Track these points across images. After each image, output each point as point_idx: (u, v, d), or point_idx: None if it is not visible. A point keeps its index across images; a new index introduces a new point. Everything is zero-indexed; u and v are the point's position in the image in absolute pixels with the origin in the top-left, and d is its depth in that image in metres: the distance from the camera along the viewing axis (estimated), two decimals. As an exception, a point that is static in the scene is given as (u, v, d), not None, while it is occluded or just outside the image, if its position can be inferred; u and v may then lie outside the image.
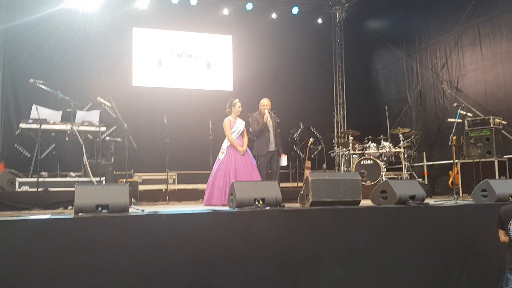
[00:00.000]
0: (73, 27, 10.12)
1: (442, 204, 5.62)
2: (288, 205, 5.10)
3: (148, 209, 4.98)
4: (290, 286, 4.42)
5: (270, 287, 4.35)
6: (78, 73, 10.14)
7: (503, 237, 3.94)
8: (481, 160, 8.27)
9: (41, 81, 7.10)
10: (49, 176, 7.24)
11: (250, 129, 7.74)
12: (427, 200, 5.45)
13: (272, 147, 7.54)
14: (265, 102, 7.55)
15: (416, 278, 4.88)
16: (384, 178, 8.80)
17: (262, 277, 4.33)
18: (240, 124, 7.19)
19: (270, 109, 7.55)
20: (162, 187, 9.01)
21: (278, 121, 7.85)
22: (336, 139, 11.13)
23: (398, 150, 9.32)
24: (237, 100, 7.23)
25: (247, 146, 7.20)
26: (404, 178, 9.23)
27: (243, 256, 4.28)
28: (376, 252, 4.77)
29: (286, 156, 7.70)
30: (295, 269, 4.46)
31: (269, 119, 7.42)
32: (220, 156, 7.00)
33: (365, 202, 5.29)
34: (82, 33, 10.20)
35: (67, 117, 7.67)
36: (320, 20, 12.83)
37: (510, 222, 3.85)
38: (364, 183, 8.42)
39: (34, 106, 7.32)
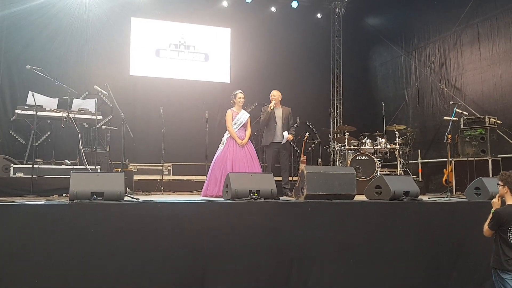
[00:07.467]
0: (72, 15, 10.05)
1: (435, 200, 5.67)
2: (283, 198, 5.12)
3: (142, 198, 4.98)
4: (282, 279, 4.45)
5: (262, 279, 4.37)
6: (75, 61, 10.06)
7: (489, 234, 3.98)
8: (475, 158, 8.30)
9: (38, 68, 7.06)
10: (44, 164, 7.21)
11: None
12: (420, 197, 5.48)
13: (277, 139, 7.60)
14: (273, 93, 7.71)
15: (408, 274, 4.92)
16: (378, 174, 8.83)
17: (254, 269, 4.35)
18: (243, 116, 7.14)
19: (278, 100, 7.65)
20: (157, 177, 9.01)
21: (290, 113, 7.82)
22: (332, 134, 11.14)
23: (393, 147, 9.35)
24: (239, 91, 7.24)
25: (249, 138, 7.13)
26: (398, 174, 9.26)
27: (236, 247, 4.30)
28: (369, 247, 4.81)
29: (287, 135, 7.62)
30: (288, 262, 4.48)
31: (271, 107, 7.49)
32: (220, 146, 6.99)
33: (359, 198, 5.33)
34: (80, 21, 10.13)
35: (64, 105, 7.64)
36: (319, 15, 12.79)
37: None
38: (358, 178, 8.44)
39: (30, 93, 7.29)
